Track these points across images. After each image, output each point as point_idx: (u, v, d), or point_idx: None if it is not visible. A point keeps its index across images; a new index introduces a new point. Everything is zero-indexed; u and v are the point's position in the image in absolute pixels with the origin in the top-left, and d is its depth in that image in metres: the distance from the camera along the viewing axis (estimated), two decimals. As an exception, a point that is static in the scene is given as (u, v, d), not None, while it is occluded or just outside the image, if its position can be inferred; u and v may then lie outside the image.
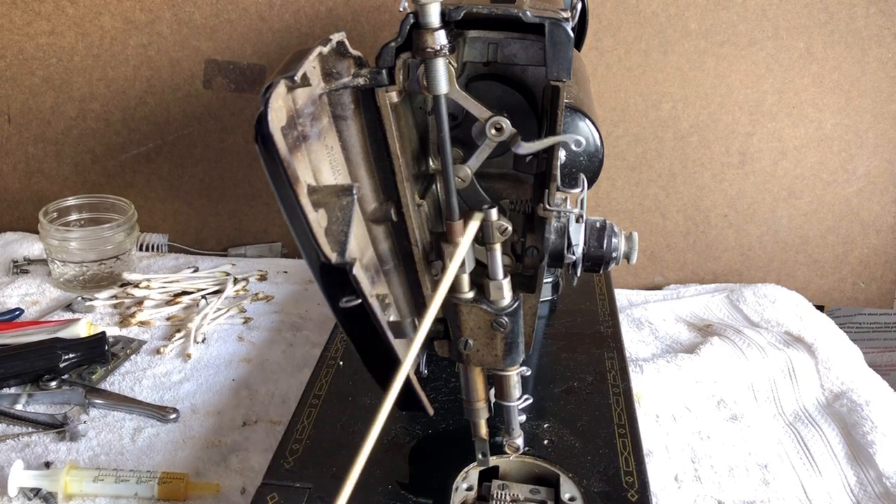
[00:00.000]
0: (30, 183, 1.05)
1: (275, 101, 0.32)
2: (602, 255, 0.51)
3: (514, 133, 0.40)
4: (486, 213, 0.41)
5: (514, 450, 0.50)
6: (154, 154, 1.02)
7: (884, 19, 0.86)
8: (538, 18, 0.37)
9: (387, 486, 0.53)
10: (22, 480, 0.57)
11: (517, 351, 0.46)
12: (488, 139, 0.40)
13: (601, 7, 0.89)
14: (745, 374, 0.75)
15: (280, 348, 0.79)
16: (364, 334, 0.40)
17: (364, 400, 0.62)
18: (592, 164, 0.53)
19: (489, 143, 0.40)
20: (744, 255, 0.99)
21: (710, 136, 0.93)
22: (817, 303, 0.93)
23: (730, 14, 0.88)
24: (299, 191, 0.32)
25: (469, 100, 0.40)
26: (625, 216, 0.99)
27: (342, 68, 0.40)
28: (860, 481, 0.62)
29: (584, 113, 0.54)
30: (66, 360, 0.70)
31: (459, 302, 0.44)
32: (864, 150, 0.92)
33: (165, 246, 1.05)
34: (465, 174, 0.42)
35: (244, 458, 0.62)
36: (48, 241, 0.88)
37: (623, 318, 0.85)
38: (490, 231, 0.42)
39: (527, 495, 0.53)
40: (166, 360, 0.76)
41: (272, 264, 0.99)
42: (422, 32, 0.37)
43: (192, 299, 0.87)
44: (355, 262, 0.34)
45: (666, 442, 0.66)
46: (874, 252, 0.97)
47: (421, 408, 0.47)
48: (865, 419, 0.67)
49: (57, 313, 0.84)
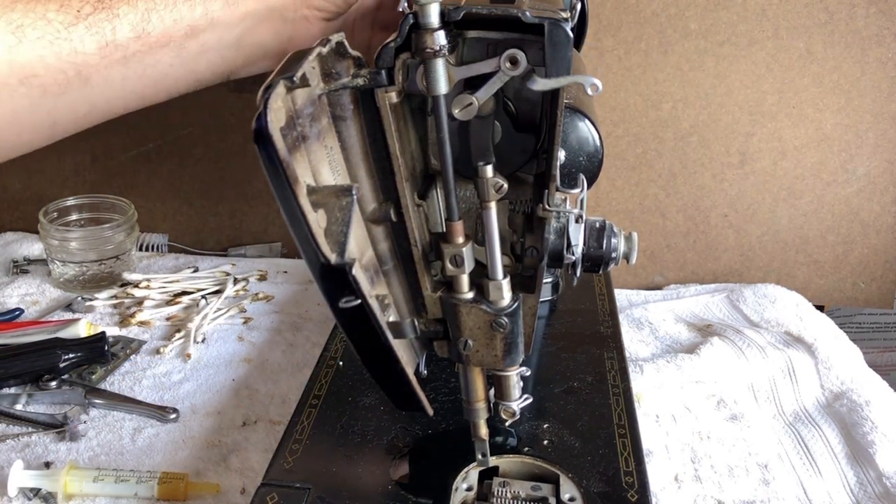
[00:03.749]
0: (30, 183, 1.05)
1: (274, 102, 0.32)
2: (602, 255, 0.51)
3: (529, 68, 0.38)
4: (480, 169, 0.40)
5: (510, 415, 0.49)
6: (154, 154, 1.02)
7: (884, 19, 0.86)
8: (538, 19, 0.37)
9: (387, 486, 0.53)
10: (22, 480, 0.57)
11: (517, 351, 0.46)
12: (501, 72, 0.38)
13: (601, 7, 0.89)
14: (745, 374, 0.75)
15: (280, 348, 0.79)
16: (363, 335, 0.40)
17: (364, 400, 0.62)
18: (592, 165, 0.53)
19: (502, 76, 0.39)
20: (744, 255, 0.99)
21: (710, 136, 0.93)
22: (817, 303, 0.93)
23: (730, 14, 0.88)
24: (298, 191, 0.32)
25: (473, 65, 0.39)
26: (625, 216, 0.99)
27: (341, 69, 0.40)
28: (860, 481, 0.62)
29: (583, 113, 0.54)
30: (66, 360, 0.70)
31: (459, 302, 0.44)
32: (864, 150, 0.92)
33: (165, 246, 1.05)
34: (471, 104, 0.40)
35: (244, 458, 0.62)
36: (48, 241, 0.88)
37: (623, 318, 0.85)
38: (485, 188, 0.41)
39: (528, 492, 0.53)
40: (166, 360, 0.76)
41: (272, 264, 0.99)
42: (421, 33, 0.37)
43: (192, 299, 0.87)
44: (355, 263, 0.34)
45: (666, 442, 0.66)
46: (874, 252, 0.97)
47: (421, 408, 0.47)
48: (865, 419, 0.67)
49: (57, 313, 0.85)
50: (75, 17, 0.45)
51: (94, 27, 0.46)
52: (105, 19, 0.46)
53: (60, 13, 0.45)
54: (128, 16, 0.46)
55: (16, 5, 0.44)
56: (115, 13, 0.46)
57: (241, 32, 0.51)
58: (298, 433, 0.58)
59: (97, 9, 0.46)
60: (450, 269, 0.43)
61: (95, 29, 0.46)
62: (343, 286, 0.35)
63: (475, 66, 0.39)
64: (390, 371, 0.43)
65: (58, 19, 0.45)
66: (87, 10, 0.45)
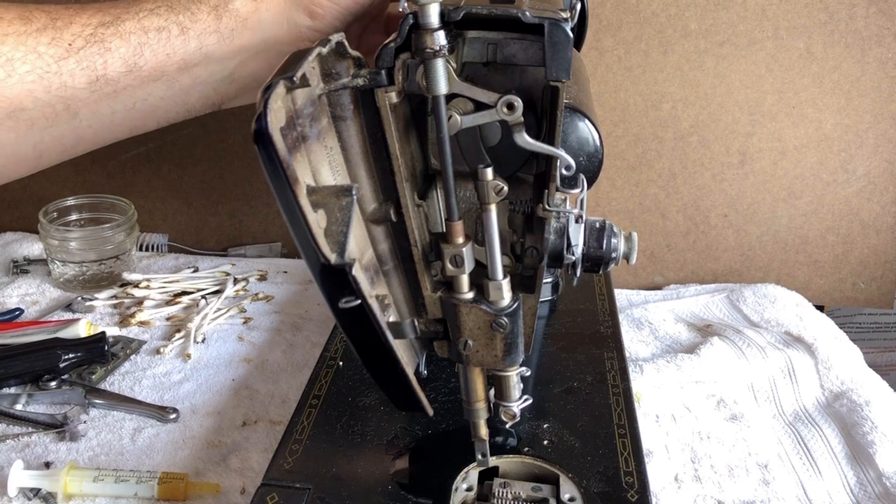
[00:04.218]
0: (30, 183, 1.05)
1: (274, 102, 0.32)
2: (602, 255, 0.51)
3: (521, 121, 0.39)
4: (480, 171, 0.40)
5: (511, 417, 0.50)
6: (154, 154, 1.02)
7: (884, 19, 0.86)
8: (537, 19, 0.37)
9: (387, 486, 0.53)
10: (22, 480, 0.57)
11: (517, 351, 0.46)
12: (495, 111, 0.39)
13: (601, 7, 0.89)
14: (745, 374, 0.75)
15: (280, 348, 0.79)
16: (363, 335, 0.40)
17: (364, 400, 0.62)
18: (592, 165, 0.53)
19: (493, 114, 0.39)
20: (744, 255, 0.99)
21: (710, 136, 0.93)
22: (817, 303, 0.93)
23: (730, 14, 0.88)
24: (298, 191, 0.32)
25: (474, 88, 0.39)
26: (625, 216, 0.99)
27: (341, 69, 0.40)
28: (860, 481, 0.62)
29: (583, 113, 0.54)
30: (66, 360, 0.70)
31: (459, 302, 0.44)
32: (864, 150, 0.92)
33: (165, 246, 1.05)
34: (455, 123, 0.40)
35: (244, 458, 0.62)
36: (48, 241, 0.88)
37: (623, 318, 0.85)
38: (485, 190, 0.41)
39: (528, 493, 0.53)
40: (166, 360, 0.76)
41: (272, 264, 0.99)
42: (421, 33, 0.37)
43: (192, 299, 0.87)
44: (355, 263, 0.34)
45: (666, 442, 0.66)
46: (874, 252, 0.97)
47: (420, 408, 0.47)
48: (865, 419, 0.67)
49: (57, 313, 0.85)
50: (66, 51, 0.44)
51: (85, 61, 0.44)
52: (97, 53, 0.44)
53: (52, 46, 0.43)
54: (120, 50, 0.45)
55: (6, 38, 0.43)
56: (106, 47, 0.45)
57: (234, 66, 0.49)
58: (298, 433, 0.58)
59: (89, 42, 0.44)
60: (450, 270, 0.43)
61: (86, 63, 0.44)
62: (343, 286, 0.35)
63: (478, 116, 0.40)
64: (390, 371, 0.43)
65: (49, 53, 0.43)
66: (78, 43, 0.44)
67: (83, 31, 0.45)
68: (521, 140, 0.40)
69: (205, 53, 0.48)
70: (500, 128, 0.45)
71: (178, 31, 0.47)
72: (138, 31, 0.46)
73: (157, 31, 0.46)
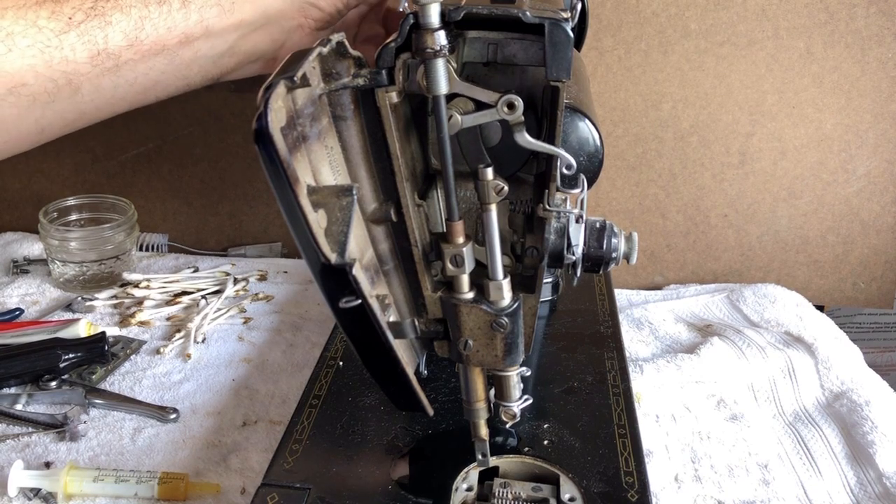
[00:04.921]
0: (30, 183, 1.05)
1: (274, 102, 0.32)
2: (602, 255, 0.51)
3: (521, 120, 0.39)
4: (481, 171, 0.40)
5: (511, 417, 0.50)
6: (154, 154, 1.02)
7: (884, 19, 0.86)
8: (538, 19, 0.37)
9: (387, 486, 0.53)
10: (22, 480, 0.57)
11: (517, 351, 0.46)
12: (496, 110, 0.39)
13: (601, 7, 0.89)
14: (745, 374, 0.75)
15: (280, 348, 0.79)
16: (364, 335, 0.40)
17: (364, 400, 0.62)
18: (592, 165, 0.53)
19: (493, 114, 0.39)
20: (744, 255, 0.99)
21: (710, 136, 0.93)
22: (817, 303, 0.93)
23: (730, 14, 0.88)
24: (299, 191, 0.32)
25: (475, 88, 0.39)
26: (625, 216, 0.99)
27: (342, 69, 0.40)
28: (860, 481, 0.62)
29: (583, 113, 0.54)
30: (66, 360, 0.70)
31: (459, 302, 0.44)
32: (864, 150, 0.92)
33: (165, 246, 1.05)
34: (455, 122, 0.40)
35: (244, 458, 0.62)
36: (48, 241, 0.88)
37: (623, 318, 0.85)
38: (486, 190, 0.41)
39: (529, 493, 0.53)
40: (166, 360, 0.76)
41: (272, 264, 0.99)
42: (422, 33, 0.37)
43: (192, 299, 0.87)
44: (355, 263, 0.34)
45: (666, 442, 0.66)
46: (874, 252, 0.97)
47: (421, 408, 0.47)
48: (865, 419, 0.67)
49: (57, 313, 0.85)
50: (67, 25, 0.43)
51: (86, 35, 0.44)
52: (97, 27, 0.44)
53: (52, 20, 0.43)
54: (120, 23, 0.45)
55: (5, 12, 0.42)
56: (107, 21, 0.44)
57: (235, 40, 0.50)
58: (298, 433, 0.58)
59: (89, 16, 0.44)
60: (450, 269, 0.43)
61: (87, 37, 0.44)
62: (343, 286, 0.35)
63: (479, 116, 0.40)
64: (390, 371, 0.43)
65: (49, 27, 0.43)
66: (78, 17, 0.44)
67: (83, 4, 0.44)
68: (521, 139, 0.40)
69: (206, 27, 0.48)
70: (501, 127, 0.45)
71: (179, 5, 0.47)
72: (139, 4, 0.46)
73: (158, 4, 0.46)
